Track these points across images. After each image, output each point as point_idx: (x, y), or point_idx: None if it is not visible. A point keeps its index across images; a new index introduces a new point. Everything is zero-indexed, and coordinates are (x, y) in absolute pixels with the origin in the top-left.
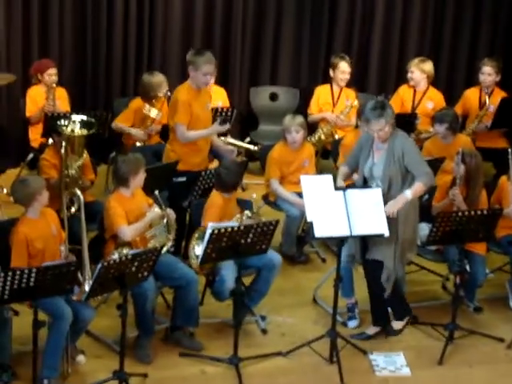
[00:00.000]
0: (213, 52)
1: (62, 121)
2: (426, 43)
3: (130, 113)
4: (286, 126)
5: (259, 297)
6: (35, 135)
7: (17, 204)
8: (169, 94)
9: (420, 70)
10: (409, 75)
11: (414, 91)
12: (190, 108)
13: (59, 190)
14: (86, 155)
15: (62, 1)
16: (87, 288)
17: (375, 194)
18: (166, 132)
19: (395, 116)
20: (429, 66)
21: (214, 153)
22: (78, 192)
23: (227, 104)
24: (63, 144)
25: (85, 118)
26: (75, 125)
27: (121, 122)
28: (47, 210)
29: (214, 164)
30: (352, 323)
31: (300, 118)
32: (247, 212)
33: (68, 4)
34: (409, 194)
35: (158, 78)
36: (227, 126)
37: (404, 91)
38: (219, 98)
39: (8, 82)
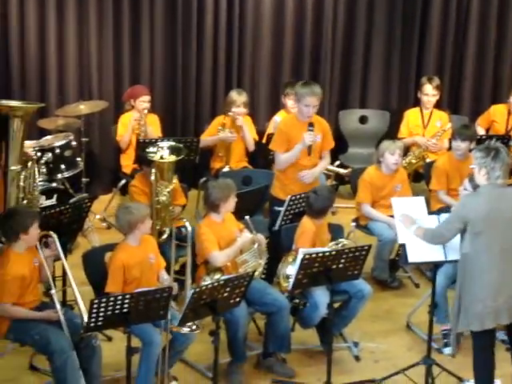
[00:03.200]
0: (302, 75)
1: (151, 148)
2: None
3: (212, 129)
4: (390, 148)
5: (343, 324)
6: (127, 161)
7: (110, 230)
8: (231, 114)
9: None
10: None
11: (509, 112)
12: (286, 137)
13: (151, 217)
14: (176, 180)
15: (152, 28)
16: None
17: None
18: (253, 157)
19: (488, 138)
20: None
21: None
22: (170, 223)
23: None
24: (153, 171)
25: (173, 143)
26: (164, 151)
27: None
28: (147, 238)
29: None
30: (447, 350)
31: (400, 142)
32: (342, 240)
33: (158, 31)
34: (414, 228)
35: (232, 96)
36: (313, 137)
37: (497, 111)
38: None
39: (101, 108)
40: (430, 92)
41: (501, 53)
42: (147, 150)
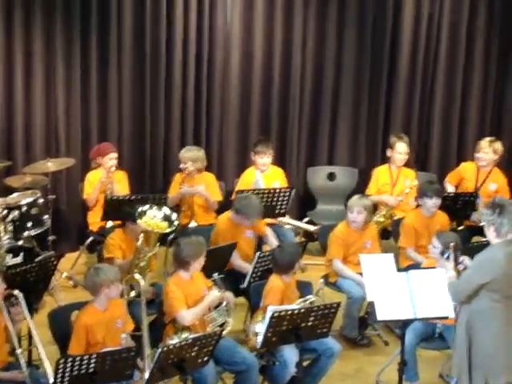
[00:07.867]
0: (270, 132)
1: (149, 211)
2: (487, 121)
3: (175, 185)
4: (350, 204)
5: (312, 382)
6: (94, 219)
7: (76, 289)
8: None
9: (493, 152)
10: (480, 155)
11: (478, 171)
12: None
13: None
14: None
15: (120, 84)
16: (147, 374)
17: (438, 274)
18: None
19: (456, 195)
20: (500, 145)
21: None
22: (139, 278)
23: (285, 184)
24: (141, 236)
25: (168, 212)
26: (156, 219)
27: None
28: (116, 302)
29: None
30: None
31: (366, 201)
32: (310, 297)
33: (126, 87)
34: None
35: (181, 153)
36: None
37: (467, 168)
38: (277, 178)
39: (67, 166)
40: (403, 150)
41: (466, 109)
42: (143, 216)
